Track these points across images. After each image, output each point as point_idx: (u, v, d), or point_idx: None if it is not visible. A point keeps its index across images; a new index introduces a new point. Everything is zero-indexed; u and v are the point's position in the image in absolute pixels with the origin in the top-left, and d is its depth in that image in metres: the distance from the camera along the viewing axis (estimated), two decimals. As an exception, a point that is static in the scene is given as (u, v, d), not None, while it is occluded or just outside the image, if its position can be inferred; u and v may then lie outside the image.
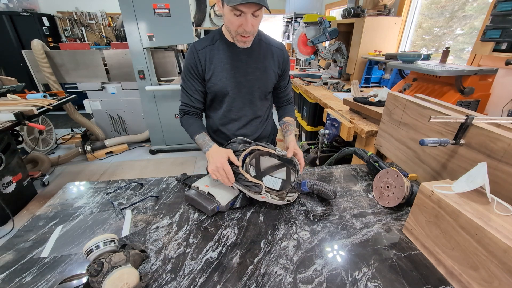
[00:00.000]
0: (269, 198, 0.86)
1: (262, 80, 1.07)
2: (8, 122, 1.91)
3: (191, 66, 1.02)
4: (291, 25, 4.78)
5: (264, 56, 1.05)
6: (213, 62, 1.01)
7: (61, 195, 1.00)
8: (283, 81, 1.16)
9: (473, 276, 0.59)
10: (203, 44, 1.02)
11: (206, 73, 1.03)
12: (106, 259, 0.58)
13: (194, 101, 1.08)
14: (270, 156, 1.02)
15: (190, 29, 2.67)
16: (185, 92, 1.08)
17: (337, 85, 2.56)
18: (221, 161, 0.86)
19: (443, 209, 0.66)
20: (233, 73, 1.03)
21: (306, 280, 0.64)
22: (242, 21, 0.86)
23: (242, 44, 0.96)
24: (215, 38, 1.02)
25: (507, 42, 1.50)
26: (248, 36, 0.92)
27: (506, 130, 0.76)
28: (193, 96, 1.07)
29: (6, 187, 2.10)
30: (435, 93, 1.64)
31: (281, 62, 1.10)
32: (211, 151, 0.93)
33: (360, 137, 1.59)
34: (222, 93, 1.06)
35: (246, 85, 1.06)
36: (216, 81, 1.03)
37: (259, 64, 1.05)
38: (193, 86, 1.06)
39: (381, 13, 2.53)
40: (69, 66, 3.11)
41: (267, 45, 1.06)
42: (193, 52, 1.01)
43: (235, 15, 0.85)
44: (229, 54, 1.01)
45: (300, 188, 0.93)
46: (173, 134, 3.27)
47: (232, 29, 0.91)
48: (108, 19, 5.39)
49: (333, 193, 0.90)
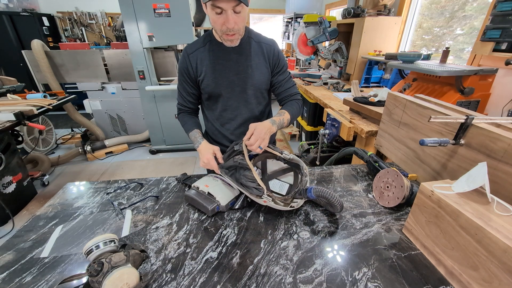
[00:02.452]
0: (271, 202, 0.83)
1: (254, 77, 1.07)
2: (8, 122, 1.91)
3: (183, 69, 1.06)
4: (291, 25, 4.78)
5: (255, 53, 1.05)
6: (204, 63, 1.03)
7: (61, 195, 1.00)
8: (278, 75, 1.12)
9: (473, 276, 0.59)
10: (193, 47, 1.04)
11: (198, 76, 1.05)
12: (106, 259, 0.58)
13: (187, 102, 1.15)
14: (277, 159, 1.01)
15: (190, 29, 2.67)
16: (179, 93, 1.15)
17: (337, 85, 2.56)
18: (208, 157, 0.95)
19: (443, 209, 0.66)
20: (224, 72, 1.04)
21: (306, 280, 0.64)
22: (224, 19, 0.87)
23: (229, 43, 0.97)
24: (206, 40, 1.04)
25: (507, 42, 1.50)
26: (233, 34, 0.93)
27: (506, 130, 0.76)
28: (187, 98, 1.13)
29: (6, 187, 2.10)
30: (435, 93, 1.64)
31: (272, 57, 1.08)
32: (200, 147, 1.01)
33: (360, 137, 1.59)
34: (216, 93, 1.08)
35: (239, 83, 1.06)
36: (209, 82, 1.05)
37: (250, 62, 1.05)
38: (186, 88, 1.11)
39: (381, 13, 2.53)
40: (69, 66, 3.11)
41: (257, 43, 1.06)
42: (185, 56, 1.05)
43: (217, 14, 0.86)
44: (219, 55, 1.03)
45: (306, 195, 0.88)
46: (173, 134, 3.27)
47: (217, 29, 0.92)
48: (108, 19, 5.39)
49: (340, 205, 0.82)
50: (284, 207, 0.85)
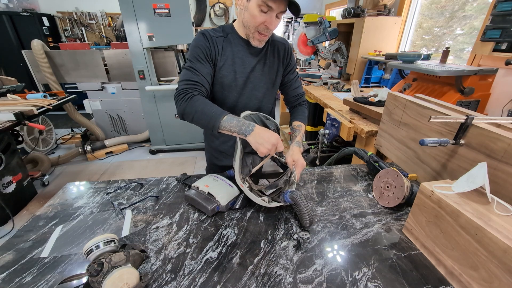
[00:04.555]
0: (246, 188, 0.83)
1: (269, 76, 1.08)
2: (8, 122, 1.91)
3: (204, 49, 0.92)
4: (291, 25, 4.78)
5: (271, 52, 1.06)
6: (225, 53, 0.98)
7: (61, 195, 1.00)
8: (289, 74, 1.15)
9: (473, 276, 0.59)
10: (216, 33, 0.98)
11: (219, 62, 0.97)
12: (106, 259, 0.58)
13: (204, 83, 0.92)
14: (273, 161, 1.02)
15: (190, 29, 2.67)
16: (193, 71, 0.91)
17: (337, 85, 2.56)
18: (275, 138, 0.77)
19: (443, 209, 0.66)
20: (242, 67, 1.01)
21: (306, 280, 0.64)
22: (266, 18, 0.85)
23: (257, 43, 0.95)
24: (227, 31, 1.00)
25: (507, 42, 1.50)
26: (266, 35, 0.92)
27: (506, 130, 0.76)
28: (204, 78, 0.93)
29: (6, 187, 2.10)
30: (435, 93, 1.64)
31: (285, 56, 1.10)
32: (257, 130, 0.78)
33: (360, 137, 1.59)
34: (229, 86, 1.02)
35: (253, 80, 1.05)
36: (226, 73, 0.99)
37: (265, 60, 1.05)
38: (205, 68, 0.93)
39: (381, 13, 2.53)
40: (69, 66, 3.11)
41: (272, 41, 1.07)
42: (207, 37, 0.94)
43: (262, 11, 0.84)
44: (239, 48, 1.00)
45: (283, 198, 0.83)
46: (173, 134, 3.27)
47: (252, 25, 0.89)
48: (108, 19, 5.39)
49: (310, 219, 0.76)
50: (256, 197, 0.83)
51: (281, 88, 1.20)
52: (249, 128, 0.78)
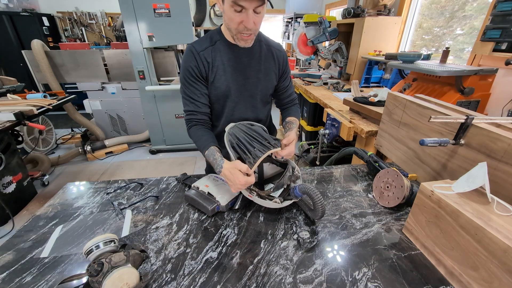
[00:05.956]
0: (255, 197, 0.83)
1: (264, 82, 1.06)
2: (8, 122, 1.91)
3: (192, 69, 0.95)
4: (291, 25, 4.78)
5: (266, 58, 1.03)
6: (215, 64, 0.96)
7: (61, 195, 1.00)
8: (284, 81, 1.14)
9: (473, 276, 0.59)
10: (203, 45, 0.96)
11: (210, 76, 0.97)
12: (106, 259, 0.58)
13: (200, 106, 0.99)
14: (272, 163, 1.02)
15: (190, 29, 2.67)
16: (188, 99, 0.99)
17: (337, 85, 2.56)
18: (242, 182, 0.77)
19: (443, 209, 0.66)
20: (235, 75, 0.99)
21: (306, 280, 0.64)
22: (243, 18, 0.82)
23: (243, 43, 0.92)
24: (214, 38, 0.97)
25: (507, 42, 1.50)
26: (250, 35, 0.88)
27: (506, 130, 0.76)
28: (199, 101, 0.99)
29: (6, 187, 2.10)
30: (435, 93, 1.64)
31: (281, 63, 1.09)
32: (224, 171, 0.82)
33: (360, 137, 1.59)
34: (224, 97, 1.02)
35: (248, 88, 1.03)
36: (219, 84, 0.98)
37: (260, 66, 1.03)
38: (197, 89, 0.98)
39: (381, 13, 2.53)
40: (69, 66, 3.11)
41: (268, 47, 1.05)
42: (193, 54, 0.94)
43: (236, 11, 0.81)
44: (230, 56, 0.97)
45: (293, 194, 0.82)
46: (173, 134, 3.27)
47: (232, 27, 0.86)
48: (108, 19, 5.39)
49: (321, 210, 0.75)
50: (269, 202, 0.83)
51: (277, 94, 1.18)
52: (217, 170, 0.85)
